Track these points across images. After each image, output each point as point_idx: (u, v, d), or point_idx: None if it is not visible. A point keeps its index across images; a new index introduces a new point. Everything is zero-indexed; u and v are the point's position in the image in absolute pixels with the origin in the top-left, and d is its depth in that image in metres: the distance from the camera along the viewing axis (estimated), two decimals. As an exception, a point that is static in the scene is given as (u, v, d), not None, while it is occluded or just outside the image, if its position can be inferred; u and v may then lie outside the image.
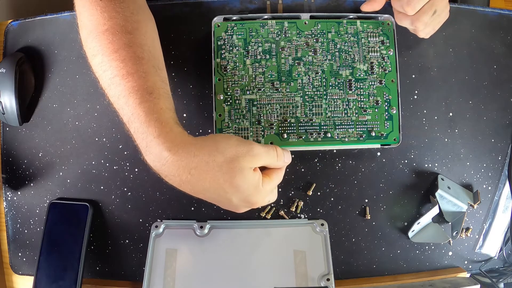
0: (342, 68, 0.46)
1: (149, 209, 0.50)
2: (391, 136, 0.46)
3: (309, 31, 0.47)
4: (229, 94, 0.45)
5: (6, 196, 0.52)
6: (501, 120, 0.51)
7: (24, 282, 0.52)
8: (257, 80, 0.46)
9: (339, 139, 0.46)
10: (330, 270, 0.46)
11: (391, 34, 0.47)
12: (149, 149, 0.34)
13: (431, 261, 0.50)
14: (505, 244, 0.52)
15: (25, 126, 0.51)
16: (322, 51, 0.46)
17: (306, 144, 0.46)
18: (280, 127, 0.45)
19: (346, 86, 0.46)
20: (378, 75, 0.46)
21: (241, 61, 0.46)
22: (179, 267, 0.46)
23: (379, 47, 0.47)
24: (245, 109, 0.45)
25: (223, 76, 0.46)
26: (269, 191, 0.39)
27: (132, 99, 0.34)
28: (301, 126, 0.45)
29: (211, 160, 0.34)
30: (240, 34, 0.46)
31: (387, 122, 0.46)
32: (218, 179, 0.34)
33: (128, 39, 0.36)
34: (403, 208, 0.50)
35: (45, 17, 0.51)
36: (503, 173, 0.51)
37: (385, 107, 0.46)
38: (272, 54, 0.46)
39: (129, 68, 0.35)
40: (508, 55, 0.51)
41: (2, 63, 0.49)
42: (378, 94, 0.46)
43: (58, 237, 0.48)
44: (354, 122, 0.46)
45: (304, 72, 0.46)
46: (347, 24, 0.47)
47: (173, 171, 0.34)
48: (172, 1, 0.50)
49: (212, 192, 0.36)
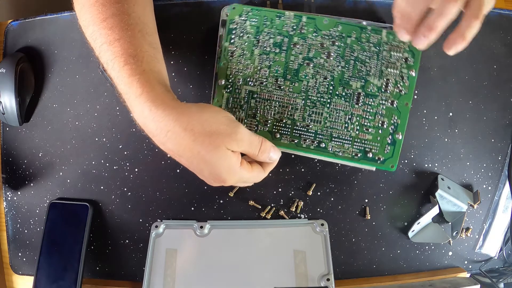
0: (354, 79, 0.42)
1: (149, 209, 0.50)
2: (388, 162, 0.43)
3: (327, 31, 0.43)
4: (230, 81, 0.43)
5: (6, 196, 0.52)
6: (501, 120, 0.51)
7: (24, 282, 0.52)
8: (261, 72, 0.43)
9: (332, 152, 0.43)
10: (330, 270, 0.46)
11: (418, 53, 0.42)
12: (132, 108, 0.36)
13: (431, 261, 0.50)
14: (505, 244, 0.52)
15: (25, 126, 0.51)
16: (337, 56, 0.43)
17: (297, 149, 0.43)
18: (275, 126, 0.43)
19: (353, 99, 0.42)
20: (392, 95, 0.42)
21: (250, 50, 0.43)
22: (179, 267, 0.46)
23: (400, 65, 0.42)
24: (243, 99, 0.43)
25: (229, 61, 0.43)
26: (245, 178, 0.38)
27: (117, 63, 0.36)
28: (296, 130, 0.43)
29: (189, 128, 0.34)
30: (254, 21, 0.43)
31: (388, 146, 0.42)
32: (192, 149, 0.34)
33: (116, 8, 0.37)
34: (403, 208, 0.50)
35: (45, 17, 0.51)
36: (503, 173, 0.51)
37: (391, 130, 0.42)
38: (283, 48, 0.43)
39: (116, 35, 0.36)
40: (508, 55, 0.51)
41: (2, 63, 0.49)
42: (386, 115, 0.42)
43: (58, 237, 0.48)
44: (352, 139, 0.43)
45: (312, 74, 0.43)
46: (371, 32, 0.42)
47: (153, 130, 0.35)
48: (172, 1, 0.50)
49: (186, 159, 0.36)
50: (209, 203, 0.50)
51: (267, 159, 0.39)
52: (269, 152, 0.39)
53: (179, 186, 0.50)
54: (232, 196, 0.50)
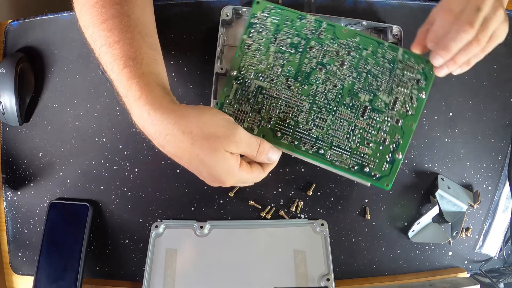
0: (363, 91, 0.42)
1: (149, 209, 0.50)
2: (384, 180, 0.42)
3: (344, 41, 0.43)
4: (242, 73, 0.43)
5: (6, 196, 0.52)
6: (501, 120, 0.51)
7: (24, 282, 0.52)
8: (273, 70, 0.43)
9: (329, 159, 0.42)
10: (330, 270, 0.46)
11: (431, 76, 0.41)
12: (131, 111, 0.36)
13: (431, 261, 0.50)
14: (505, 244, 0.52)
15: (25, 126, 0.51)
16: (350, 66, 0.42)
17: (295, 150, 0.43)
18: (277, 124, 0.43)
19: (359, 111, 0.42)
20: (398, 114, 0.42)
21: (266, 46, 0.43)
22: (179, 267, 0.46)
23: (411, 85, 0.42)
24: (251, 93, 0.43)
25: (244, 54, 0.43)
26: (244, 179, 0.39)
27: (116, 65, 0.36)
28: (297, 132, 0.43)
29: (187, 131, 0.34)
30: (275, 19, 0.44)
31: (386, 164, 0.42)
32: (191, 151, 0.35)
33: (116, 9, 0.37)
34: (403, 208, 0.50)
35: (45, 17, 0.51)
36: (503, 173, 0.51)
37: (391, 148, 0.42)
38: (298, 50, 0.43)
39: (115, 37, 0.36)
40: (508, 55, 0.51)
41: (2, 63, 0.49)
42: (390, 133, 0.42)
43: (58, 237, 0.48)
44: (352, 150, 0.42)
45: (323, 80, 0.43)
46: (387, 48, 0.42)
47: (151, 133, 0.35)
48: (172, 1, 0.50)
49: (185, 161, 0.36)
50: (209, 203, 0.50)
51: (265, 160, 0.39)
52: (267, 153, 0.39)
53: (179, 186, 0.50)
54: (232, 196, 0.50)
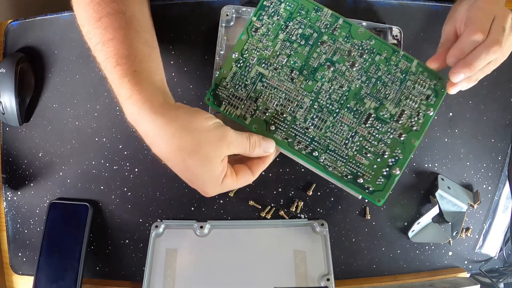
0: (370, 98, 0.40)
1: (149, 209, 0.50)
2: (377, 194, 0.40)
3: (359, 41, 0.41)
4: (244, 57, 0.41)
5: (6, 196, 0.52)
6: (501, 120, 0.51)
7: (24, 282, 0.52)
8: (279, 59, 0.41)
9: (323, 164, 0.40)
10: (330, 270, 0.46)
11: (442, 94, 0.40)
12: (123, 109, 0.36)
13: (431, 261, 0.50)
14: (505, 244, 0.52)
15: (25, 126, 0.51)
16: (360, 69, 0.40)
17: (287, 148, 0.40)
18: (273, 117, 0.40)
19: (362, 117, 0.40)
20: (403, 127, 0.40)
21: (275, 32, 0.41)
22: (179, 267, 0.46)
23: (420, 100, 0.40)
24: (250, 79, 0.40)
25: (250, 36, 0.41)
26: (229, 188, 0.38)
27: (109, 64, 0.36)
28: (293, 129, 0.40)
29: (177, 135, 0.34)
30: (289, 6, 0.41)
31: (382, 178, 0.40)
32: (177, 157, 0.34)
33: (112, 7, 0.37)
34: (403, 208, 0.50)
35: (45, 17, 0.51)
36: (503, 173, 0.51)
37: (390, 163, 0.40)
38: (309, 42, 0.41)
39: (109, 35, 0.36)
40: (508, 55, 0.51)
41: (2, 63, 0.49)
42: (390, 146, 0.40)
43: (58, 237, 0.48)
44: (348, 158, 0.40)
45: (329, 78, 0.40)
46: (402, 58, 0.40)
47: (141, 133, 0.35)
48: (172, 1, 0.50)
49: (171, 164, 0.36)
50: (209, 203, 0.50)
51: (262, 153, 0.38)
52: (260, 145, 0.38)
53: (179, 186, 0.50)
54: (232, 196, 0.50)
